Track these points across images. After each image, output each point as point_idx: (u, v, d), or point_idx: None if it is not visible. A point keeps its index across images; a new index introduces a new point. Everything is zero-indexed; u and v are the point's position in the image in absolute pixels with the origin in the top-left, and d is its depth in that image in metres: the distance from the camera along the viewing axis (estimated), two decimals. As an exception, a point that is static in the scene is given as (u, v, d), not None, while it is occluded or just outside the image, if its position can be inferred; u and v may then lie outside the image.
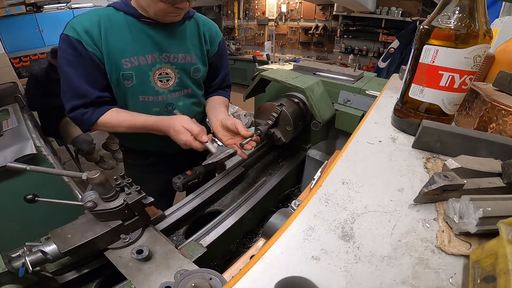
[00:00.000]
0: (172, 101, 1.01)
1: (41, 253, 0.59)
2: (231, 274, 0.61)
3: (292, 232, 0.33)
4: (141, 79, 0.93)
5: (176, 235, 0.86)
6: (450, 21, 0.46)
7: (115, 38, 0.87)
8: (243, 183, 1.13)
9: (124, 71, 0.89)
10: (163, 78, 0.97)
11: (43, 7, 4.19)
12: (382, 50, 4.74)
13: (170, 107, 1.01)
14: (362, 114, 1.10)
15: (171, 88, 1.00)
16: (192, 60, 1.00)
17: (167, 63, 0.95)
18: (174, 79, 0.99)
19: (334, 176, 0.43)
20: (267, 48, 5.02)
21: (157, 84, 0.96)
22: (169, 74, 0.97)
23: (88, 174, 0.63)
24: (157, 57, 0.93)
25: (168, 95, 0.99)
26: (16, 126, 1.68)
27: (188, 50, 0.99)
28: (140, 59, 0.90)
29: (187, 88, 1.04)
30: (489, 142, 0.45)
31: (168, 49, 0.94)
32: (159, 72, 0.95)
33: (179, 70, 0.99)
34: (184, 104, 1.04)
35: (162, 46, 0.93)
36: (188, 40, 0.99)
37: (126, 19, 0.88)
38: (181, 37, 0.97)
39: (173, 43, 0.95)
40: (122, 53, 0.88)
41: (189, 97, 1.06)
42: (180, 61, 0.97)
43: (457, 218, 0.32)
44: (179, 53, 0.97)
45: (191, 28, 1.00)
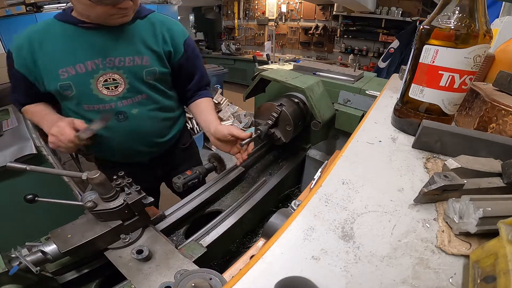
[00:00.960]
0: (123, 109, 0.92)
1: (41, 253, 0.59)
2: (231, 274, 0.61)
3: (292, 232, 0.33)
4: (81, 88, 0.87)
5: (176, 235, 0.86)
6: (450, 21, 0.46)
7: (51, 49, 0.84)
8: (243, 183, 1.13)
9: (61, 82, 0.85)
10: (109, 84, 0.89)
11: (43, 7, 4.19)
12: (382, 50, 4.74)
13: (122, 116, 0.93)
14: (362, 114, 1.10)
15: (121, 95, 0.91)
16: (144, 62, 0.91)
17: (112, 68, 0.88)
18: (124, 85, 0.91)
19: (334, 176, 0.43)
20: (267, 48, 5.02)
21: (102, 92, 0.89)
22: (117, 80, 0.89)
23: (88, 174, 0.63)
24: (99, 63, 0.86)
25: (117, 102, 0.91)
26: (16, 126, 1.68)
27: (137, 52, 0.90)
28: (77, 68, 0.85)
29: (141, 93, 0.94)
30: (489, 142, 0.45)
31: (112, 53, 0.87)
32: (103, 78, 0.88)
33: (128, 74, 0.90)
34: (140, 112, 0.95)
35: (106, 50, 0.86)
36: (138, 41, 0.90)
37: (63, 28, 0.85)
38: (129, 39, 0.89)
39: (119, 46, 0.88)
40: (57, 64, 0.84)
41: (145, 104, 0.96)
42: (128, 65, 0.89)
43: (457, 218, 0.32)
44: (126, 56, 0.89)
45: (144, 28, 0.92)
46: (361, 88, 1.12)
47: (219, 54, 6.48)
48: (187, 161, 1.24)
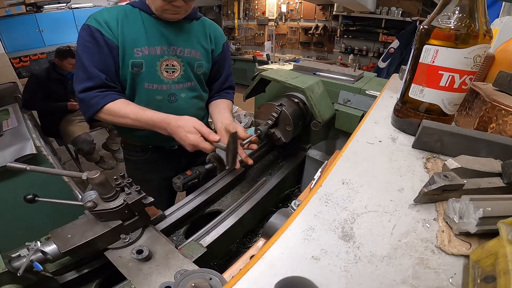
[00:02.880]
0: (175, 91, 1.07)
1: (41, 253, 0.59)
2: (231, 274, 0.61)
3: (292, 232, 0.33)
4: (149, 67, 1.00)
5: (176, 235, 0.86)
6: (450, 21, 0.46)
7: (130, 30, 0.96)
8: (243, 183, 1.13)
9: (135, 59, 0.97)
10: (169, 69, 1.04)
11: (43, 7, 4.19)
12: (382, 50, 4.74)
13: (173, 97, 1.08)
14: (362, 114, 1.10)
15: (176, 79, 1.06)
16: (197, 56, 1.08)
17: (173, 56, 1.03)
18: (180, 71, 1.06)
19: (334, 176, 0.43)
20: (267, 48, 5.02)
21: (163, 74, 1.03)
22: (175, 66, 1.05)
23: (88, 174, 0.63)
24: (165, 49, 1.01)
25: (172, 85, 1.06)
26: (16, 126, 1.68)
27: (193, 46, 1.07)
28: (150, 49, 0.98)
29: (191, 81, 1.10)
30: (489, 142, 0.45)
31: (176, 43, 1.02)
32: (166, 63, 1.02)
33: (185, 63, 1.06)
34: (186, 96, 1.10)
35: (171, 40, 1.01)
36: (194, 38, 1.07)
37: (140, 14, 0.98)
38: (188, 34, 1.05)
39: (181, 39, 1.04)
40: (134, 43, 0.96)
41: (192, 90, 1.11)
42: (186, 55, 1.05)
43: (457, 218, 0.32)
44: (186, 48, 1.04)
45: (198, 28, 1.09)
46: (361, 88, 1.12)
47: (219, 54, 6.48)
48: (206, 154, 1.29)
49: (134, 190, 0.69)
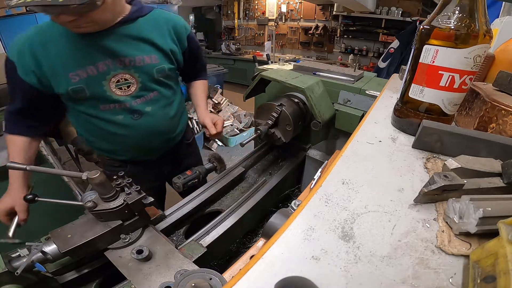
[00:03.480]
0: (137, 107, 0.94)
1: (41, 253, 0.59)
2: (231, 274, 0.61)
3: (292, 232, 0.33)
4: (95, 90, 0.86)
5: (176, 235, 0.86)
6: (450, 21, 0.46)
7: (57, 52, 0.81)
8: (243, 183, 1.13)
9: (73, 86, 0.83)
10: (122, 85, 0.89)
11: (43, 7, 4.19)
12: (382, 50, 4.74)
13: (137, 114, 0.94)
14: (362, 114, 1.10)
15: (134, 94, 0.92)
16: (153, 61, 0.92)
17: (123, 69, 0.88)
18: (136, 84, 0.91)
19: (334, 176, 0.43)
20: (267, 48, 5.02)
21: (116, 93, 0.89)
22: (129, 79, 0.90)
23: (88, 174, 0.63)
24: (110, 64, 0.85)
25: (131, 102, 0.92)
26: (16, 126, 1.68)
27: (145, 51, 0.90)
28: (88, 70, 0.83)
29: (152, 91, 0.96)
30: (489, 142, 0.45)
31: (122, 54, 0.86)
32: (115, 79, 0.88)
33: (140, 74, 0.91)
34: (153, 109, 0.97)
35: (114, 51, 0.85)
36: (145, 40, 0.90)
37: (65, 30, 0.80)
38: (135, 38, 0.88)
39: (127, 46, 0.87)
40: (67, 67, 0.82)
41: (157, 101, 0.98)
42: (138, 64, 0.89)
43: (457, 218, 0.32)
44: (136, 55, 0.88)
45: (147, 27, 0.91)
46: (361, 88, 1.12)
47: (219, 54, 6.47)
48: (191, 156, 1.28)
49: (134, 190, 0.69)
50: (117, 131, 0.95)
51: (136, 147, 1.02)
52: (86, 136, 1.01)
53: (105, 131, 0.95)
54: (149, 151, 1.07)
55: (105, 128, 0.94)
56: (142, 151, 1.05)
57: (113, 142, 0.99)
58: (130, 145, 1.01)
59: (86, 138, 1.02)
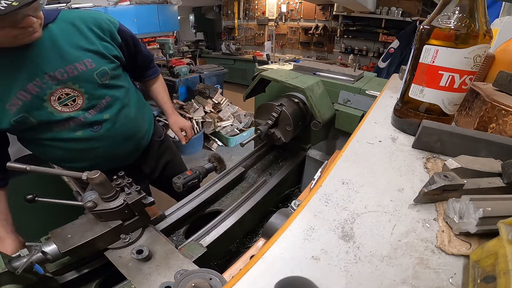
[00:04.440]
0: (94, 119, 0.86)
1: (41, 253, 0.59)
2: (231, 274, 0.61)
3: (292, 232, 0.33)
4: (40, 115, 0.77)
5: (176, 235, 0.86)
6: (450, 21, 0.46)
7: None
8: (243, 183, 1.13)
9: (14, 117, 0.74)
10: (66, 100, 0.80)
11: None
12: (382, 50, 4.74)
13: (97, 125, 0.87)
14: (362, 114, 1.10)
15: (84, 106, 0.83)
16: (90, 66, 0.82)
17: (58, 84, 0.78)
18: (81, 96, 0.82)
19: (334, 176, 0.43)
20: (267, 48, 5.02)
21: (63, 110, 0.80)
22: (70, 93, 0.80)
23: (88, 174, 0.63)
24: (40, 83, 0.75)
25: (85, 114, 0.84)
26: (16, 126, 1.68)
27: (75, 58, 0.80)
28: (21, 96, 0.73)
29: (103, 98, 0.87)
30: (489, 142, 0.45)
31: (49, 68, 0.76)
32: (55, 97, 0.78)
33: (81, 84, 0.81)
34: (112, 116, 0.90)
35: (39, 67, 0.74)
36: (67, 47, 0.79)
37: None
38: (56, 49, 0.77)
39: (50, 60, 0.76)
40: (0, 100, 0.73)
41: (111, 106, 0.90)
42: (73, 75, 0.79)
43: (457, 218, 0.32)
44: (65, 66, 0.78)
45: (63, 31, 0.79)
46: (361, 88, 1.12)
47: (219, 54, 6.48)
48: (166, 152, 1.27)
49: (134, 190, 0.69)
50: (81, 147, 0.89)
51: (107, 157, 0.97)
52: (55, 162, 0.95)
53: (71, 151, 0.89)
54: (122, 157, 1.03)
55: (70, 147, 0.88)
56: (115, 160, 1.01)
57: (83, 159, 0.93)
58: (101, 157, 0.95)
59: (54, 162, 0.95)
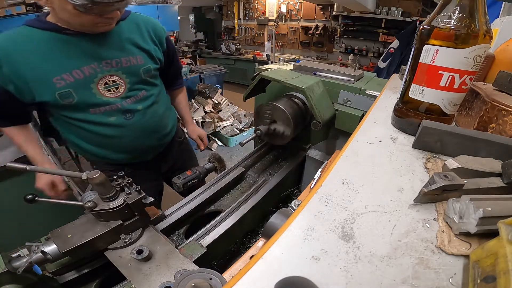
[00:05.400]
0: (129, 107, 0.95)
1: (41, 253, 0.59)
2: (231, 274, 0.61)
3: (292, 232, 0.33)
4: (83, 94, 0.87)
5: (176, 235, 0.86)
6: (450, 21, 0.46)
7: (38, 58, 0.80)
8: (243, 183, 1.13)
9: (59, 90, 0.83)
10: (110, 86, 0.91)
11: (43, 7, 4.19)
12: (382, 50, 4.73)
13: (129, 114, 0.96)
14: (362, 114, 1.10)
15: (123, 95, 0.93)
16: (139, 62, 0.95)
17: (110, 71, 0.89)
18: (124, 85, 0.93)
19: (334, 176, 0.43)
20: (267, 48, 5.02)
21: (105, 95, 0.90)
22: (117, 81, 0.91)
23: (88, 174, 0.63)
24: (96, 67, 0.86)
25: (122, 102, 0.93)
26: (16, 126, 1.67)
27: (130, 52, 0.93)
28: (74, 74, 0.84)
29: (140, 91, 0.98)
30: (489, 142, 0.45)
31: (107, 56, 0.88)
32: (103, 81, 0.89)
33: (127, 74, 0.93)
34: (144, 108, 0.99)
35: (99, 54, 0.87)
36: (127, 42, 0.92)
37: (45, 36, 0.80)
38: (118, 41, 0.91)
39: (111, 49, 0.89)
40: (50, 72, 0.81)
41: (146, 99, 1.01)
42: (125, 65, 0.92)
43: (457, 218, 0.32)
44: (122, 57, 0.91)
45: (129, 29, 0.94)
46: (361, 88, 1.12)
47: (219, 54, 6.48)
48: (184, 154, 1.32)
49: (134, 190, 0.69)
50: (110, 133, 0.95)
51: (131, 147, 1.02)
52: (78, 143, 1.00)
53: (98, 135, 0.95)
54: (144, 151, 1.08)
55: (98, 131, 0.94)
56: (137, 151, 1.06)
57: (106, 146, 0.99)
58: (125, 146, 1.01)
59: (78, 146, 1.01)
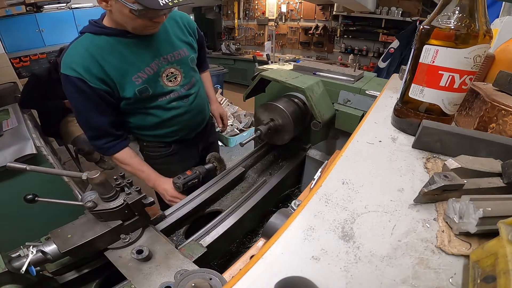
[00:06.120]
0: (185, 93, 1.13)
1: (41, 253, 0.59)
2: (231, 274, 0.61)
3: (292, 232, 0.33)
4: (155, 87, 1.03)
5: (176, 235, 0.86)
6: (450, 21, 0.46)
7: (116, 61, 0.93)
8: (243, 183, 1.13)
9: (138, 87, 0.98)
10: (171, 77, 1.07)
11: (43, 7, 4.18)
12: (382, 50, 4.73)
13: (186, 99, 1.14)
14: (362, 114, 1.10)
15: (181, 83, 1.11)
16: (185, 53, 1.11)
17: (168, 64, 1.05)
18: (180, 75, 1.10)
19: (334, 176, 0.43)
20: (267, 48, 5.02)
21: (168, 85, 1.07)
22: (174, 72, 1.08)
23: (88, 174, 0.63)
24: (159, 62, 1.02)
25: (180, 90, 1.11)
26: (16, 126, 1.68)
27: (178, 46, 1.09)
28: (147, 71, 0.99)
29: (191, 78, 1.15)
30: (489, 142, 0.45)
31: (164, 52, 1.03)
32: (165, 74, 1.05)
33: (181, 65, 1.09)
34: (195, 91, 1.17)
35: (158, 51, 1.02)
36: (174, 37, 1.08)
37: (110, 41, 0.93)
38: (168, 37, 1.06)
39: (164, 45, 1.04)
40: (128, 72, 0.95)
41: (195, 85, 1.18)
42: (177, 58, 1.07)
43: (457, 218, 0.32)
44: (173, 51, 1.06)
45: (171, 25, 1.08)
46: (361, 88, 1.12)
47: (219, 54, 6.47)
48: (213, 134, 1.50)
49: (134, 190, 0.69)
50: (173, 114, 1.11)
51: (186, 125, 1.20)
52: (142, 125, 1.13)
53: (163, 118, 1.11)
54: (192, 129, 1.25)
55: (163, 115, 1.10)
56: (188, 129, 1.22)
57: (168, 126, 1.15)
58: (183, 124, 1.18)
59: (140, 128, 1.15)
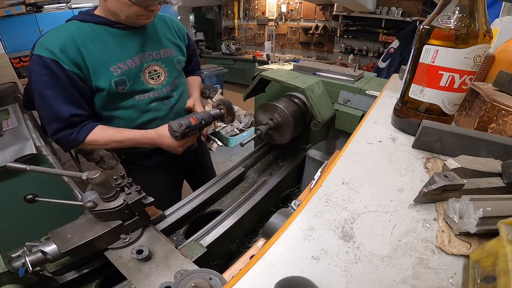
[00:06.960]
0: (166, 94, 1.06)
1: (41, 253, 0.59)
2: (231, 274, 0.61)
3: (292, 232, 0.33)
4: (134, 81, 0.96)
5: (176, 235, 0.86)
6: (450, 21, 0.46)
7: (96, 48, 0.87)
8: (243, 183, 1.13)
9: (115, 78, 0.91)
10: (153, 75, 1.02)
11: (43, 7, 4.18)
12: (382, 50, 4.73)
13: (167, 100, 1.08)
14: (362, 114, 1.10)
15: (164, 82, 1.05)
16: (172, 54, 1.07)
17: (152, 61, 1.01)
18: (164, 74, 1.05)
19: (334, 176, 0.43)
20: (267, 48, 5.02)
21: (150, 82, 1.01)
22: (158, 70, 1.03)
23: (88, 174, 0.63)
24: (142, 57, 0.97)
25: (162, 89, 1.04)
26: (16, 126, 1.67)
27: (165, 45, 1.06)
28: (128, 63, 0.94)
29: (175, 78, 1.10)
30: (489, 142, 0.45)
31: (149, 48, 1.00)
32: (148, 70, 1.00)
33: (166, 64, 1.05)
34: (177, 95, 1.11)
35: (143, 46, 0.98)
36: (162, 36, 1.05)
37: (96, 29, 0.89)
38: (155, 35, 1.03)
39: (152, 41, 1.01)
40: (107, 62, 0.89)
41: (178, 87, 1.12)
42: (163, 56, 1.04)
43: (457, 218, 0.32)
44: (160, 49, 1.03)
45: (160, 25, 1.06)
46: (361, 88, 1.12)
47: (219, 54, 6.47)
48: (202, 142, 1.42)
49: (134, 190, 0.69)
50: (151, 117, 1.04)
51: None
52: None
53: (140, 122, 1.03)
54: None
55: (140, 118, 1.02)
56: None
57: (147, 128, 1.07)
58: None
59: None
